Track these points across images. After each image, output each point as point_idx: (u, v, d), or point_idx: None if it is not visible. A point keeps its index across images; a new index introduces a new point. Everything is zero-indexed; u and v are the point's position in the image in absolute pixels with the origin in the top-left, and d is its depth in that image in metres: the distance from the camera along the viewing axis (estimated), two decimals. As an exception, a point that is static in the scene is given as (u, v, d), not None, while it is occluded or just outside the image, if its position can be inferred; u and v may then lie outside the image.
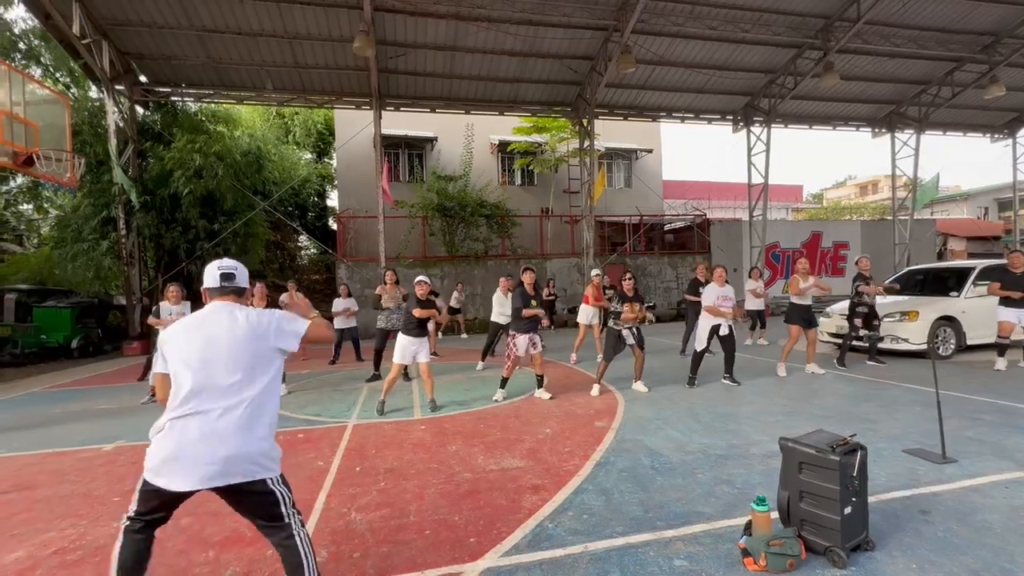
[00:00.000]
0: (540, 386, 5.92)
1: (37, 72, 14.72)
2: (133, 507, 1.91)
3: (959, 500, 2.94)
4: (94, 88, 13.34)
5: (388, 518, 2.97)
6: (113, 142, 11.77)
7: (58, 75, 15.25)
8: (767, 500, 2.45)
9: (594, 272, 7.93)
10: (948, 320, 7.57)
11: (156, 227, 12.21)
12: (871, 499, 2.57)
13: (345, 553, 2.59)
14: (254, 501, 1.90)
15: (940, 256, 21.54)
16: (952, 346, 7.60)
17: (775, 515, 2.55)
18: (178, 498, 1.87)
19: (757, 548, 2.31)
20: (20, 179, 17.23)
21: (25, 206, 19.87)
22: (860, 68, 14.90)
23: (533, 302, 5.84)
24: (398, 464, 3.89)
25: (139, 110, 13.20)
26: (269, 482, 1.91)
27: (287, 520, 1.93)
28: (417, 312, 5.49)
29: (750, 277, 9.58)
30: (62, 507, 3.29)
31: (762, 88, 15.47)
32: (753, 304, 9.45)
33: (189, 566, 2.49)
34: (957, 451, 3.63)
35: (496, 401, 5.76)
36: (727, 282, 6.40)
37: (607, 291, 8.25)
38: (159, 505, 1.89)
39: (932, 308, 7.61)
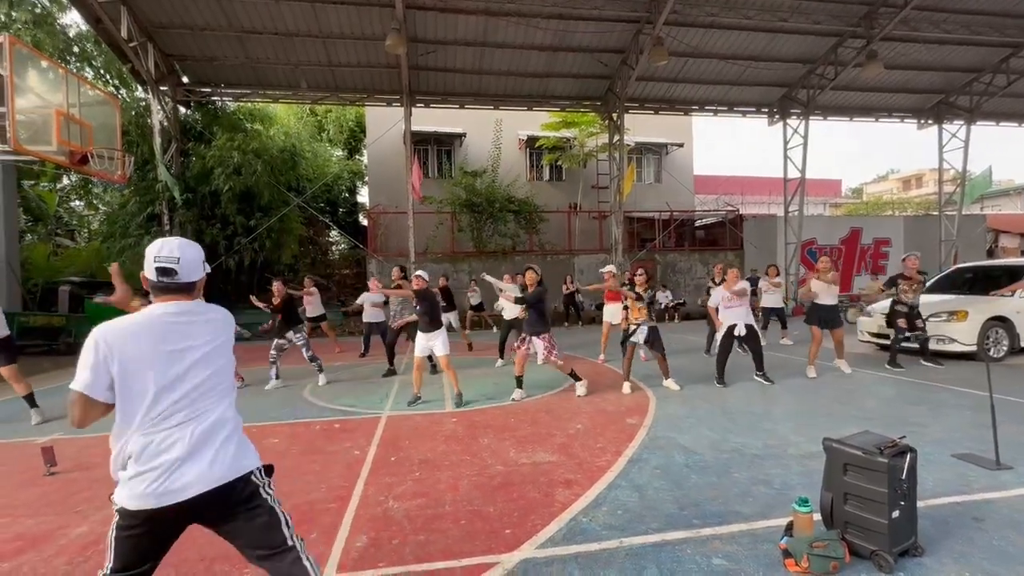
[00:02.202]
0: (577, 379, 5.81)
1: (89, 75, 15.46)
2: None
3: (1015, 508, 2.81)
4: (140, 89, 13.93)
5: (424, 507, 3.04)
6: (158, 141, 12.28)
7: (107, 77, 15.97)
8: (810, 501, 2.39)
9: (606, 268, 7.78)
10: (1000, 320, 7.20)
11: (197, 223, 12.70)
12: (919, 504, 2.48)
13: (384, 539, 2.66)
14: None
15: (991, 253, 20.43)
16: (1005, 348, 7.22)
17: (817, 517, 2.49)
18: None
19: (799, 549, 2.27)
20: (73, 177, 18.17)
21: (77, 202, 20.96)
22: (906, 56, 14.21)
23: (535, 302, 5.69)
24: (431, 455, 3.96)
25: (181, 110, 13.72)
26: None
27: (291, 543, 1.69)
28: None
29: (766, 275, 9.29)
30: (119, 487, 3.49)
31: (800, 79, 14.95)
32: (769, 302, 9.15)
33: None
34: (1012, 458, 3.46)
35: (514, 400, 5.64)
36: (750, 279, 6.22)
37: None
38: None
39: (983, 308, 7.24)
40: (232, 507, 1.60)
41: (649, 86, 14.81)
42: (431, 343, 5.58)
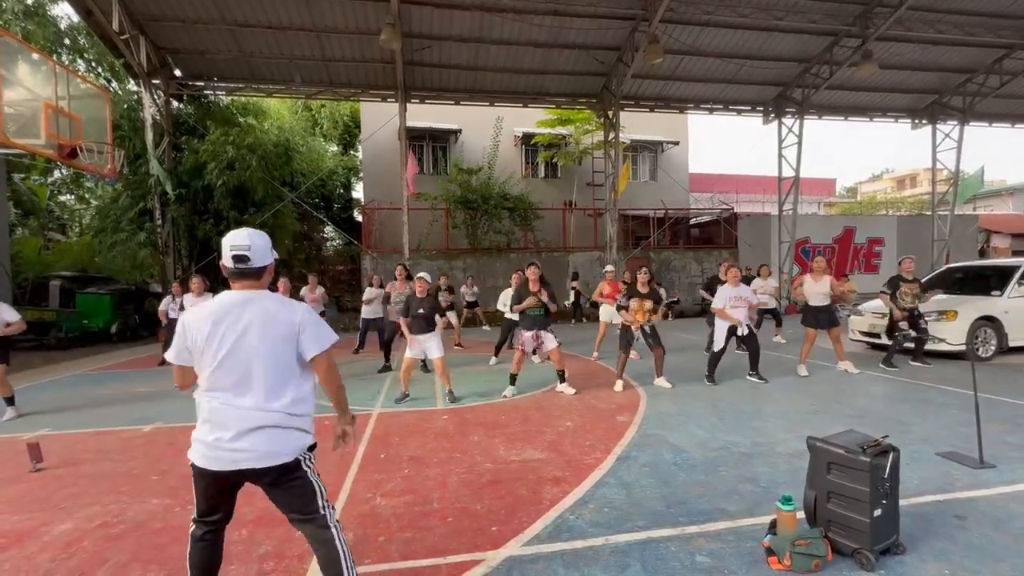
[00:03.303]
0: (562, 380, 5.90)
1: (81, 68, 15.29)
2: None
3: (997, 506, 2.84)
4: (132, 83, 13.80)
5: (412, 504, 3.04)
6: (150, 135, 12.17)
7: (99, 70, 15.81)
8: (793, 499, 2.41)
9: (607, 268, 7.81)
10: (989, 320, 7.26)
11: (189, 218, 12.61)
12: (902, 502, 2.50)
13: (371, 536, 2.66)
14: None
15: (982, 253, 20.60)
16: (993, 347, 7.28)
17: (801, 515, 2.51)
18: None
19: (782, 547, 2.28)
20: (64, 170, 17.99)
21: (68, 196, 20.76)
22: (901, 56, 14.26)
23: (535, 298, 5.74)
24: (421, 452, 3.96)
25: (174, 104, 13.60)
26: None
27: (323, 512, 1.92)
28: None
29: (758, 275, 9.32)
30: (106, 483, 3.47)
31: (795, 78, 14.98)
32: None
33: (225, 543, 2.59)
34: (995, 456, 3.50)
35: (505, 396, 5.69)
36: (753, 280, 6.26)
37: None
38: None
39: (972, 307, 7.30)
40: (276, 478, 1.81)
41: (645, 84, 14.80)
42: (427, 345, 5.57)
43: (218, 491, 1.86)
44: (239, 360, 1.77)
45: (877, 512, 2.28)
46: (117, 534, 2.75)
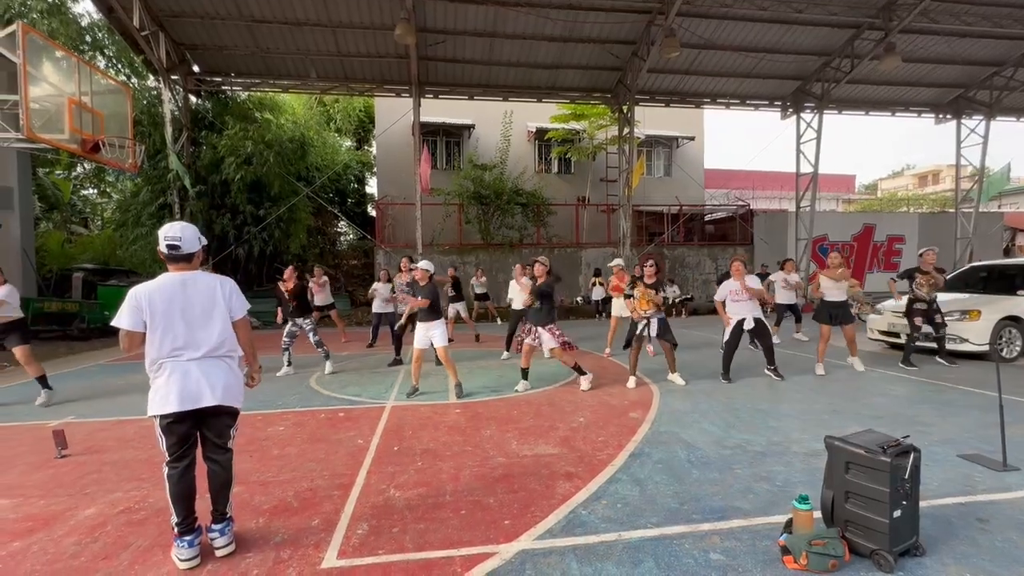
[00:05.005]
0: (581, 374, 5.80)
1: (101, 64, 15.56)
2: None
3: (1021, 510, 2.77)
4: (152, 79, 14.02)
5: (425, 496, 3.06)
6: (169, 130, 12.37)
7: (119, 66, 16.07)
8: (810, 499, 2.38)
9: (615, 262, 7.76)
10: (1014, 320, 7.08)
11: (207, 213, 12.81)
12: (922, 504, 2.46)
13: (385, 527, 2.69)
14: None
15: (1007, 252, 20.06)
16: (1018, 348, 7.10)
17: (818, 514, 2.48)
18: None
19: (798, 547, 2.26)
20: (86, 165, 18.37)
21: (90, 190, 21.20)
22: (925, 49, 13.92)
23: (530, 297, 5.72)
24: (434, 445, 3.99)
25: (192, 99, 13.80)
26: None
27: (231, 445, 2.53)
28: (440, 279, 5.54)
29: (782, 269, 9.20)
30: (128, 470, 3.56)
31: (815, 72, 14.69)
32: (784, 298, 9.06)
33: (240, 532, 2.65)
34: (1020, 459, 3.42)
35: (517, 391, 5.69)
36: (760, 275, 6.15)
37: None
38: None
39: (996, 307, 7.12)
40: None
41: (660, 78, 14.64)
42: (431, 333, 5.58)
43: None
44: None
45: (897, 513, 2.24)
46: (139, 520, 2.82)
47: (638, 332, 5.87)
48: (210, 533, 2.44)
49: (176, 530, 2.37)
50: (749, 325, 6.01)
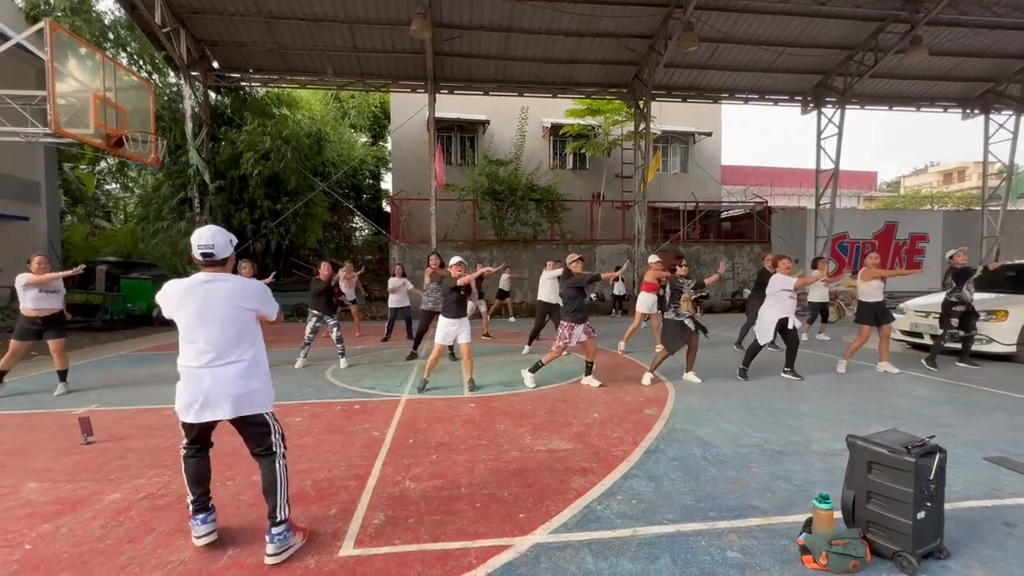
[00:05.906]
0: (589, 373, 5.87)
1: (124, 60, 15.88)
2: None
3: (1050, 515, 2.70)
4: (172, 75, 14.26)
5: (440, 489, 3.08)
6: (189, 126, 12.58)
7: (141, 63, 16.39)
8: (830, 498, 2.34)
9: (652, 258, 7.68)
10: (1043, 321, 6.87)
11: (226, 207, 13.01)
12: (947, 506, 2.40)
13: (400, 518, 2.72)
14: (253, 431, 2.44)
15: (1036, 252, 19.46)
16: (1047, 350, 6.90)
17: (838, 514, 2.44)
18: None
19: (818, 546, 2.23)
20: (109, 160, 18.77)
21: (113, 185, 21.67)
22: (952, 42, 13.52)
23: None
24: (448, 439, 4.01)
25: (212, 95, 14.00)
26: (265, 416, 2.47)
27: (275, 449, 2.45)
28: (462, 280, 5.53)
29: (815, 268, 9.04)
30: (151, 458, 3.64)
31: (837, 66, 14.37)
32: (817, 297, 8.94)
33: (260, 518, 2.69)
34: (1049, 463, 3.33)
35: (526, 387, 5.69)
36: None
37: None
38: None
39: (1024, 307, 6.92)
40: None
41: (677, 73, 14.45)
42: (458, 330, 5.59)
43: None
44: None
45: (920, 514, 2.19)
46: (162, 505, 2.89)
47: (691, 330, 5.81)
48: (267, 536, 2.35)
49: (191, 508, 2.45)
50: (795, 324, 5.89)
